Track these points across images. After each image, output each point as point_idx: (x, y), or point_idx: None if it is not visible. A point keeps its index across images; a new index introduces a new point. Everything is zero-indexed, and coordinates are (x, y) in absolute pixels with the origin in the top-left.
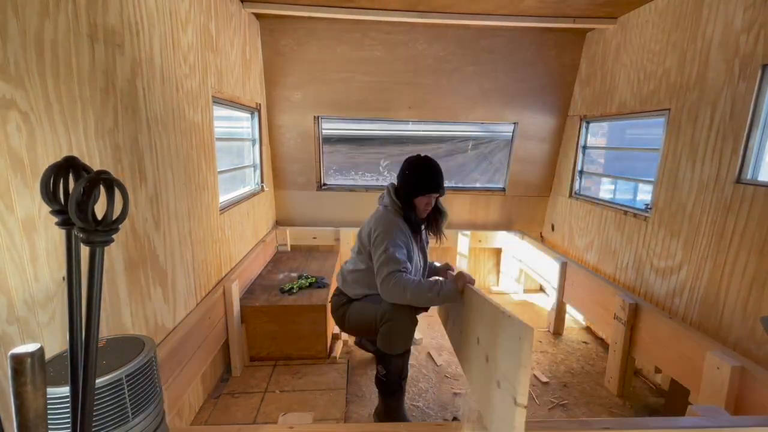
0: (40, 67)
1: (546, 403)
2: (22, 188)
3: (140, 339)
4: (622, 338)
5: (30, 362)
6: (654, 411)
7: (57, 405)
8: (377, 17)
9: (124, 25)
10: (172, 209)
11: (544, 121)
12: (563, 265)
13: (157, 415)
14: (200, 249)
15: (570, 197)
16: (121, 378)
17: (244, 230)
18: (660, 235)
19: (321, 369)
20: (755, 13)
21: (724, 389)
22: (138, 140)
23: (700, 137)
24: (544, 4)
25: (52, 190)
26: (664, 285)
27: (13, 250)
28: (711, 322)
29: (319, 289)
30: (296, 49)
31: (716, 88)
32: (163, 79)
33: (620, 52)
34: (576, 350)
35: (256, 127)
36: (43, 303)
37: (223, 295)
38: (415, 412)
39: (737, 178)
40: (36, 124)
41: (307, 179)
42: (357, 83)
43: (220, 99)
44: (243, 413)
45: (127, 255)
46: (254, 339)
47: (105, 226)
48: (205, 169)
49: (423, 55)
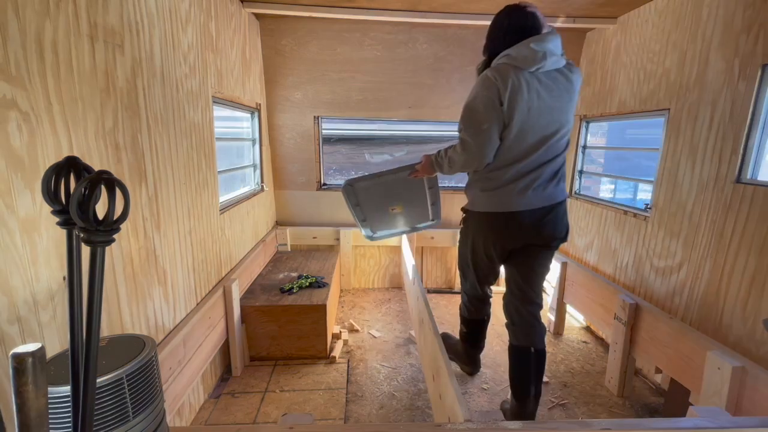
0: (40, 67)
1: (546, 403)
2: (22, 188)
3: (141, 339)
4: (622, 338)
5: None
6: (654, 411)
7: (58, 404)
8: (377, 17)
9: (124, 25)
10: (172, 209)
11: None
12: (563, 265)
13: (157, 415)
14: (200, 249)
15: (570, 197)
16: (122, 377)
17: (244, 230)
18: (660, 234)
19: (321, 369)
20: (755, 13)
21: (725, 390)
22: (138, 140)
23: (699, 137)
24: (544, 4)
25: (53, 190)
26: (664, 285)
27: (14, 250)
28: (711, 321)
29: (319, 288)
30: (296, 49)
31: (716, 88)
32: (163, 79)
33: (620, 52)
34: (576, 350)
35: (256, 127)
36: (44, 303)
37: (223, 294)
38: (415, 412)
39: (737, 177)
40: (36, 124)
41: (306, 179)
42: (357, 83)
43: (220, 99)
44: (243, 413)
45: (127, 255)
46: (254, 339)
47: (106, 226)
48: (205, 168)
49: (423, 55)
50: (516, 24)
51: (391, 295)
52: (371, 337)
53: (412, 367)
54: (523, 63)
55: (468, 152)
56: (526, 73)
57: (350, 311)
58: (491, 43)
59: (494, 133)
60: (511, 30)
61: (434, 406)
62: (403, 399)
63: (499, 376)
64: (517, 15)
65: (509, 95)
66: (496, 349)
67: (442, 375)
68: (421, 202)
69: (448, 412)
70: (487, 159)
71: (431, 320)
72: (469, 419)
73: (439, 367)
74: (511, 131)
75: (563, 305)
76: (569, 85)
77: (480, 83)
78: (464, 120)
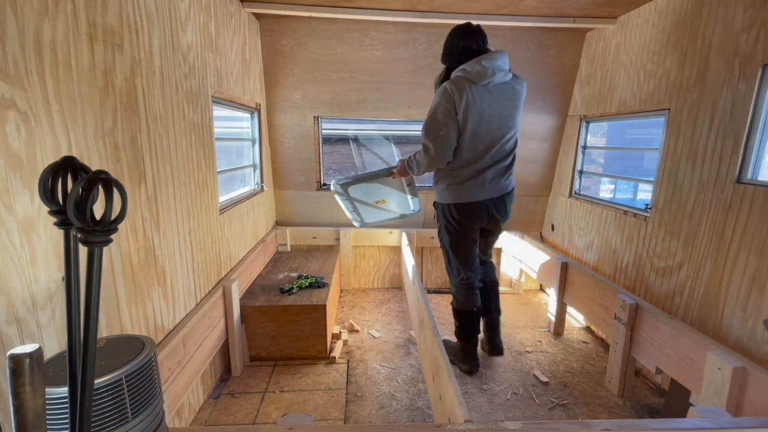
0: (39, 67)
1: (546, 403)
2: (21, 188)
3: (140, 339)
4: (622, 338)
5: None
6: (654, 411)
7: (56, 405)
8: (377, 17)
9: (124, 24)
10: (172, 209)
11: (544, 120)
12: (563, 265)
13: (156, 416)
14: (200, 249)
15: (570, 197)
16: (121, 378)
17: (244, 230)
18: (660, 234)
19: (321, 369)
20: (755, 13)
21: (725, 390)
22: (137, 140)
23: (700, 137)
24: (544, 4)
25: (50, 191)
26: (664, 285)
27: (12, 250)
28: (711, 321)
29: (319, 289)
30: (296, 49)
31: (716, 88)
32: (163, 78)
33: (620, 52)
34: (576, 350)
35: (255, 127)
36: (43, 303)
37: (223, 295)
38: (415, 412)
39: (737, 177)
40: (35, 124)
41: (306, 179)
42: (357, 83)
43: (220, 99)
44: (243, 413)
45: (126, 255)
46: (254, 339)
47: (103, 226)
48: (204, 168)
49: (423, 55)
50: (469, 45)
51: (391, 295)
52: (371, 338)
53: (411, 367)
54: (476, 78)
55: (429, 154)
56: (478, 86)
57: (350, 311)
58: (448, 59)
59: (452, 137)
60: (465, 50)
61: (434, 406)
62: (403, 399)
63: (499, 376)
64: (469, 37)
65: (464, 106)
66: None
67: (442, 375)
68: (402, 196)
69: (448, 412)
70: (447, 158)
71: (431, 320)
72: (469, 420)
73: (439, 367)
74: (465, 136)
75: (563, 305)
76: (515, 96)
77: (440, 94)
78: (426, 127)
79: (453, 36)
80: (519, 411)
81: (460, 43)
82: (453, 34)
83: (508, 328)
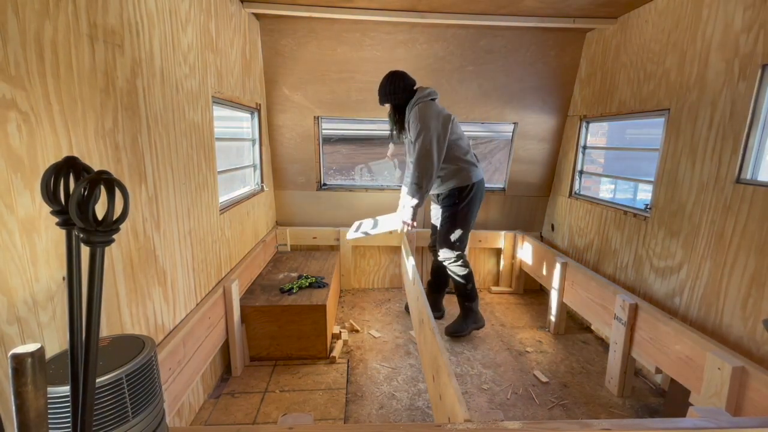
0: (40, 67)
1: (546, 403)
2: (22, 188)
3: (140, 339)
4: (622, 338)
5: (30, 362)
6: (654, 411)
7: (57, 404)
8: (377, 17)
9: (124, 25)
10: (172, 209)
11: (544, 120)
12: (563, 265)
13: (157, 415)
14: (200, 249)
15: (570, 197)
16: (122, 377)
17: (244, 230)
18: (660, 234)
19: (321, 369)
20: (755, 13)
21: (725, 390)
22: (138, 140)
23: (699, 137)
24: (544, 4)
25: (52, 191)
26: (664, 285)
27: (14, 250)
28: (711, 322)
29: (319, 289)
30: (296, 49)
31: (716, 88)
32: (163, 79)
33: (620, 52)
34: (576, 350)
35: (256, 127)
36: (44, 303)
37: (223, 295)
38: (415, 412)
39: (737, 177)
40: (36, 125)
41: (306, 179)
42: (357, 83)
43: (220, 99)
44: (243, 413)
45: (127, 255)
46: (254, 339)
47: (105, 226)
48: (205, 168)
49: (423, 55)
50: (409, 83)
51: (391, 295)
52: (371, 337)
53: (411, 367)
54: (436, 96)
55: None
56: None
57: (350, 311)
58: (395, 97)
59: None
60: (408, 86)
61: (434, 406)
62: (403, 399)
63: (499, 376)
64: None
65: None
66: (496, 349)
67: (442, 375)
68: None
69: (448, 412)
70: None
71: (431, 320)
72: (469, 419)
73: (439, 367)
74: (455, 134)
75: (563, 305)
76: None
77: (428, 112)
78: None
79: (395, 79)
80: (519, 411)
81: (402, 83)
82: (394, 78)
83: (507, 328)
